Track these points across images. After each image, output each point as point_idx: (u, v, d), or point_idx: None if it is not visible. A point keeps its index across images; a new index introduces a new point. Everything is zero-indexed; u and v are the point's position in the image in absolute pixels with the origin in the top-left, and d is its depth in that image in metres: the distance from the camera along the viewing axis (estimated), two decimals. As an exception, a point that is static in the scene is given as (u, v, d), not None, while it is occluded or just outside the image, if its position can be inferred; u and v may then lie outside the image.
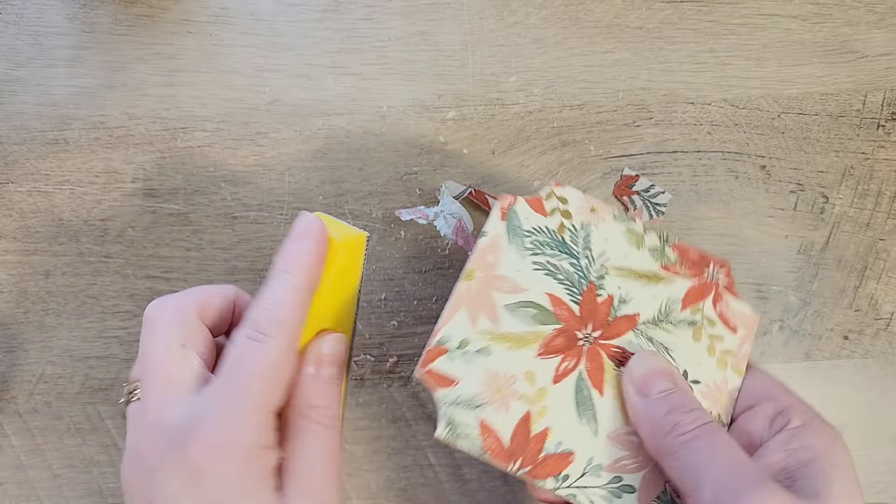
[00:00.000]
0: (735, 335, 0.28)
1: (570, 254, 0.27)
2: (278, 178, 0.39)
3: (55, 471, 0.37)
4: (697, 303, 0.28)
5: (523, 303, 0.26)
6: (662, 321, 0.28)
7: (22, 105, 0.39)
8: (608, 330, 0.27)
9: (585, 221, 0.28)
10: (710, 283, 0.28)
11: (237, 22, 0.39)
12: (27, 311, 0.38)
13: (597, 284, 0.27)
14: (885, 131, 0.39)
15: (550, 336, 0.26)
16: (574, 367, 0.26)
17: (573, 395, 0.26)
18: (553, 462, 0.25)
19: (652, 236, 0.28)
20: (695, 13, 0.39)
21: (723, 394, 0.27)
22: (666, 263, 0.28)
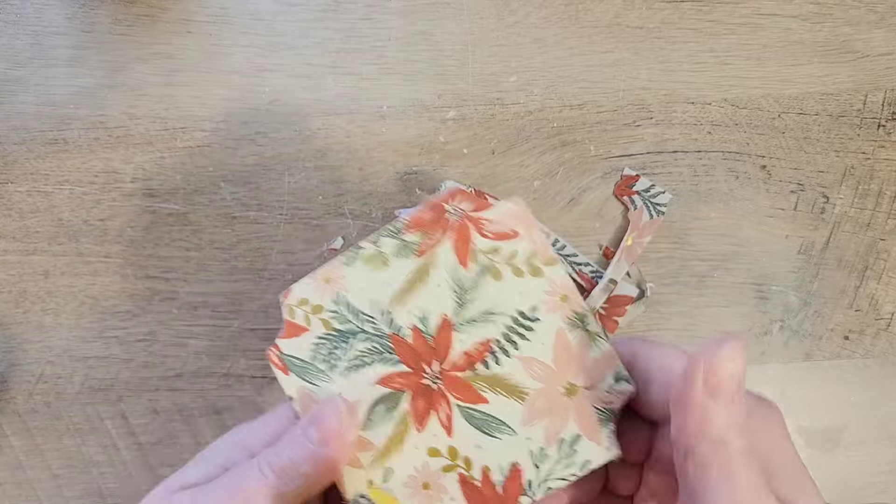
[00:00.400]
0: (520, 237, 0.26)
1: (353, 334, 0.26)
2: (278, 177, 0.39)
3: (54, 471, 0.37)
4: (468, 249, 0.26)
5: (368, 410, 0.26)
6: (464, 296, 0.26)
7: (21, 105, 0.39)
8: (439, 353, 0.26)
9: (333, 296, 0.26)
10: (460, 221, 0.26)
11: (237, 22, 0.39)
12: (27, 311, 0.38)
13: (395, 332, 0.26)
14: (885, 131, 0.39)
15: (412, 408, 0.25)
16: (450, 408, 0.25)
17: (472, 427, 0.25)
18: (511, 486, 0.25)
19: (385, 241, 0.27)
20: (695, 13, 0.39)
21: (561, 292, 0.26)
22: (417, 249, 0.26)
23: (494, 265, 0.26)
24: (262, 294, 0.38)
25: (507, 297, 0.26)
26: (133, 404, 0.38)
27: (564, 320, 0.25)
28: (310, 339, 0.26)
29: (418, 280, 0.26)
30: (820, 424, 0.38)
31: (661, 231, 0.39)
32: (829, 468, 0.38)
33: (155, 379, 0.38)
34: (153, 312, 0.38)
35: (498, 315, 0.26)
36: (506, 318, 0.26)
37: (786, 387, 0.38)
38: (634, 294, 0.38)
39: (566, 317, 0.26)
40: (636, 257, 0.38)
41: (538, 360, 0.25)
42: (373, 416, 0.26)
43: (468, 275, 0.26)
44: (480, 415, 0.25)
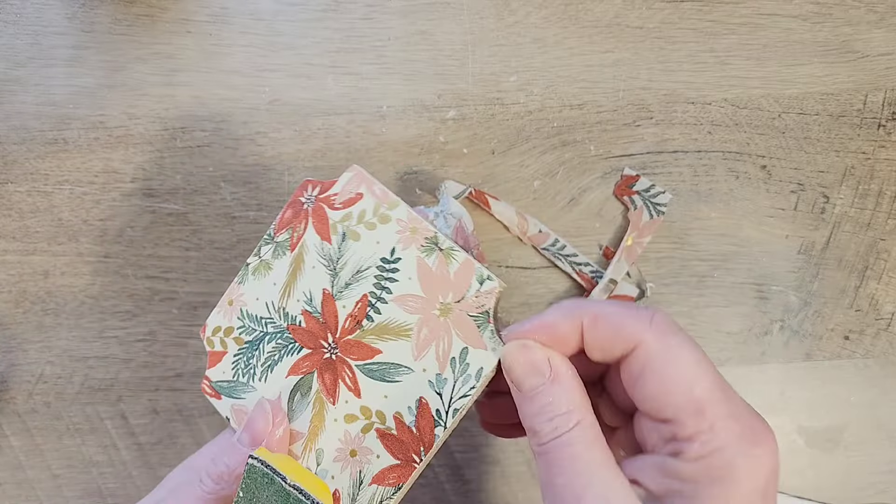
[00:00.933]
0: (363, 198, 0.28)
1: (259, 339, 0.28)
2: (278, 177, 0.38)
3: (54, 471, 0.37)
4: (327, 224, 0.28)
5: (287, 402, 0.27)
6: (335, 267, 0.28)
7: (21, 105, 0.39)
8: (330, 326, 0.27)
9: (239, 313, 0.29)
10: (316, 207, 0.29)
11: (237, 22, 0.39)
12: (26, 312, 0.38)
13: (292, 322, 0.28)
14: (885, 131, 0.39)
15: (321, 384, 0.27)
16: (352, 371, 0.27)
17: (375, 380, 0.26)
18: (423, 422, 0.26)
19: (265, 248, 0.29)
20: (695, 13, 0.39)
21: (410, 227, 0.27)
22: (289, 244, 0.29)
23: (351, 229, 0.28)
24: (261, 294, 0.38)
25: (368, 252, 0.28)
26: (133, 404, 0.38)
27: (419, 249, 0.27)
28: (229, 359, 0.29)
29: (297, 269, 0.28)
30: (820, 424, 0.38)
31: (661, 231, 0.39)
32: (829, 468, 0.38)
33: (155, 379, 0.38)
34: (153, 312, 0.38)
35: (366, 270, 0.27)
36: (373, 270, 0.27)
37: (786, 387, 0.38)
38: (634, 294, 0.38)
39: (420, 245, 0.27)
40: (636, 257, 0.38)
41: (410, 295, 0.27)
42: (294, 406, 0.27)
43: (333, 247, 0.28)
44: (378, 366, 0.27)
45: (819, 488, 0.38)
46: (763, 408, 0.38)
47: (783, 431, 0.38)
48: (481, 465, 0.38)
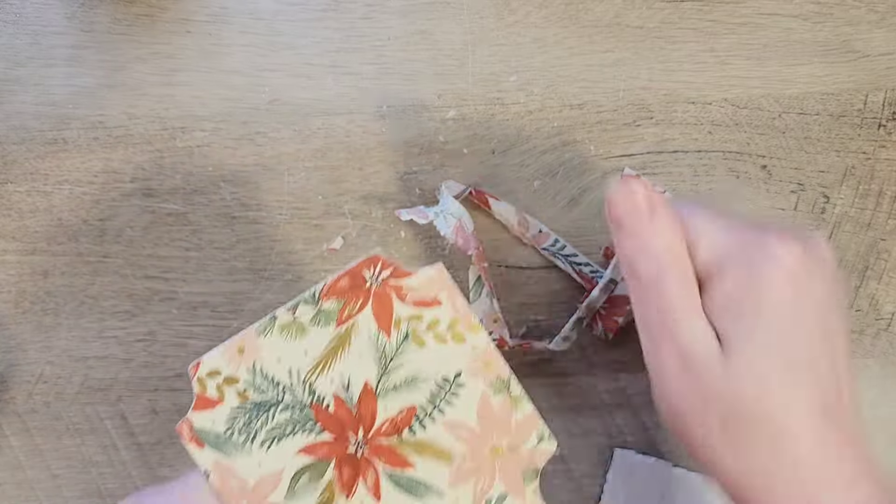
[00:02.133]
0: (441, 306, 0.26)
1: (272, 405, 0.26)
2: (278, 177, 0.38)
3: (54, 471, 0.37)
4: (391, 318, 0.26)
5: (292, 481, 0.25)
6: (387, 364, 0.26)
7: (21, 105, 0.39)
8: (364, 422, 0.26)
9: (248, 366, 0.26)
10: (380, 290, 0.26)
11: (236, 21, 0.39)
12: (26, 312, 0.38)
13: (317, 401, 0.26)
14: (886, 131, 0.39)
15: (337, 477, 0.25)
16: (376, 475, 0.26)
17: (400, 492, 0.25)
18: None
19: (302, 308, 0.26)
20: (695, 12, 0.39)
21: (484, 358, 0.26)
22: (335, 317, 0.26)
23: (417, 333, 0.26)
24: (261, 294, 0.38)
25: (430, 364, 0.26)
26: (132, 404, 0.38)
27: (488, 385, 0.26)
28: (224, 411, 0.26)
29: (339, 348, 0.26)
30: (820, 425, 0.38)
31: (661, 231, 0.39)
32: (829, 468, 0.38)
33: (154, 379, 0.38)
34: (153, 312, 0.38)
35: (422, 381, 0.26)
36: (430, 384, 0.26)
37: (786, 387, 0.38)
38: (634, 294, 0.38)
39: (490, 382, 0.26)
40: (636, 257, 0.38)
41: (463, 424, 0.26)
42: (298, 488, 0.25)
43: (391, 343, 0.26)
44: (408, 480, 0.25)
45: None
46: (763, 408, 0.38)
47: (783, 432, 0.38)
48: (481, 466, 0.38)
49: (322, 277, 0.36)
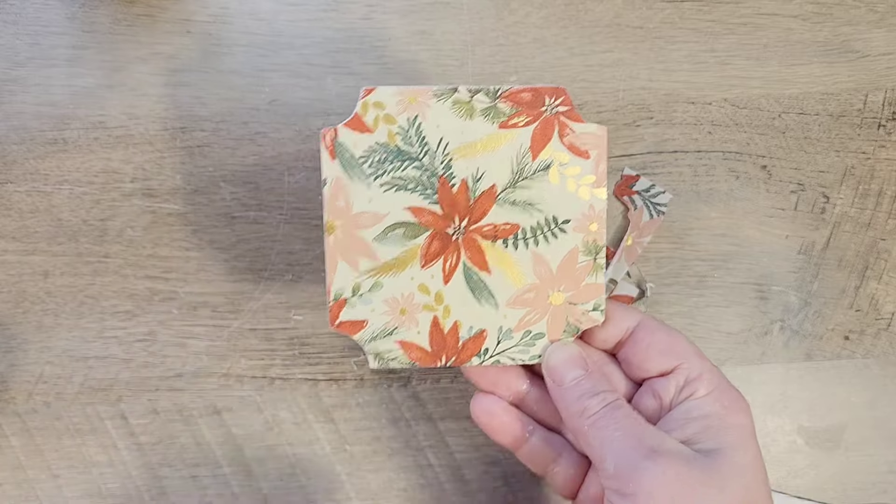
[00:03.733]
0: (589, 159, 0.29)
1: (410, 158, 0.28)
2: (278, 177, 0.38)
3: (54, 471, 0.37)
4: (544, 145, 0.28)
5: (388, 227, 0.28)
6: (519, 179, 0.28)
7: (21, 105, 0.39)
8: (473, 214, 0.28)
9: (411, 116, 0.28)
10: (551, 118, 0.28)
11: (237, 22, 0.39)
12: (26, 312, 0.38)
13: (447, 176, 0.28)
14: (885, 131, 0.39)
15: (426, 245, 0.28)
16: (457, 261, 0.28)
17: (466, 286, 0.28)
18: (471, 344, 0.29)
19: (480, 97, 0.28)
20: (695, 13, 0.39)
21: (593, 220, 0.29)
22: (503, 120, 0.28)
23: (556, 169, 0.29)
24: (262, 294, 0.38)
25: (551, 200, 0.29)
26: (133, 404, 0.38)
27: (583, 243, 0.29)
28: (370, 140, 0.28)
29: (491, 145, 0.28)
30: (820, 425, 0.38)
31: (661, 231, 0.39)
32: (829, 468, 0.38)
33: (155, 379, 0.38)
34: (153, 312, 0.38)
35: (537, 210, 0.29)
36: (541, 216, 0.29)
37: (786, 387, 0.38)
38: (635, 294, 0.38)
39: (586, 241, 0.29)
40: (636, 257, 0.38)
41: (546, 262, 0.29)
42: (390, 235, 0.28)
43: (531, 165, 0.28)
44: (478, 280, 0.29)
45: (819, 488, 0.38)
46: (763, 408, 0.38)
47: (783, 431, 0.38)
48: (481, 465, 0.38)
49: (321, 277, 0.36)
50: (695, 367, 0.29)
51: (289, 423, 0.38)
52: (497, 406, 0.31)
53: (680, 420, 0.27)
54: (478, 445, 0.38)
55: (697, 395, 0.28)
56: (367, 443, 0.38)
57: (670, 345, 0.29)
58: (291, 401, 0.38)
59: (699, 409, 0.27)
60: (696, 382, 0.28)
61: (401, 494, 0.38)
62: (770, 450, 0.38)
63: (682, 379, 0.28)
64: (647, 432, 0.26)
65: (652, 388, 0.29)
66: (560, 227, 0.29)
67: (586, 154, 0.28)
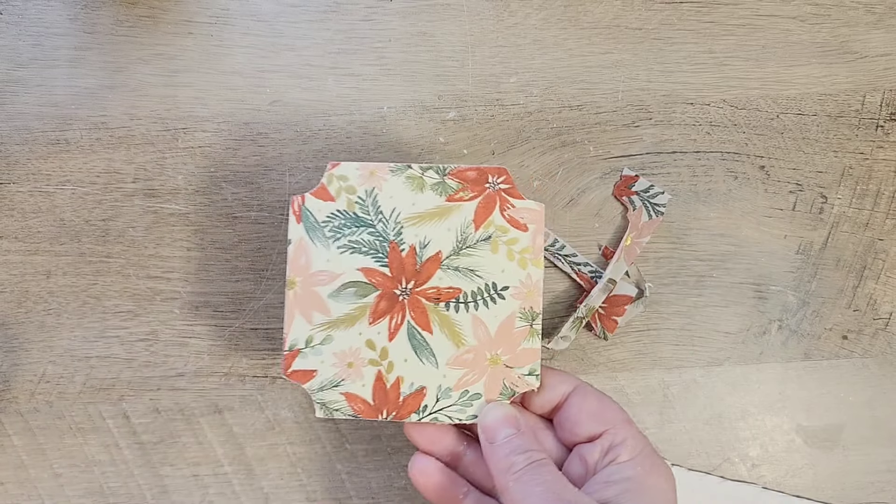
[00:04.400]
0: (527, 232, 0.31)
1: (365, 224, 0.31)
2: (279, 178, 0.39)
3: (56, 470, 0.38)
4: (486, 218, 0.31)
5: (342, 286, 0.31)
6: (462, 248, 0.31)
7: (23, 105, 0.39)
8: (419, 277, 0.31)
9: (369, 188, 0.31)
10: (493, 193, 0.31)
11: (238, 23, 0.39)
12: (28, 312, 0.38)
13: (397, 241, 0.31)
14: (883, 132, 0.39)
15: (374, 304, 0.30)
16: (402, 320, 0.30)
17: (409, 344, 0.30)
18: (411, 401, 0.30)
19: (430, 173, 0.31)
20: (694, 14, 0.40)
21: (530, 289, 0.31)
22: (450, 194, 0.31)
23: (497, 240, 0.31)
24: (263, 294, 0.38)
25: (491, 268, 0.31)
26: (135, 404, 0.38)
27: (520, 310, 0.31)
28: (331, 208, 0.31)
29: (438, 216, 0.31)
30: (818, 424, 0.38)
31: (659, 231, 0.39)
32: (827, 468, 0.38)
33: (156, 378, 0.38)
34: (155, 312, 0.38)
35: (478, 276, 0.31)
36: (481, 282, 0.31)
37: (784, 386, 0.38)
38: (633, 294, 0.38)
39: (523, 308, 0.31)
40: (635, 257, 0.38)
41: (485, 325, 0.31)
42: (343, 293, 0.31)
43: (474, 235, 0.31)
44: (421, 339, 0.31)
45: (817, 488, 0.38)
46: (762, 407, 0.39)
47: (782, 431, 0.38)
48: (481, 465, 0.38)
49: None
50: (620, 433, 0.30)
51: (290, 422, 0.38)
52: (433, 466, 0.31)
53: (601, 483, 0.28)
54: (478, 444, 0.38)
55: (620, 460, 0.29)
56: (368, 441, 0.38)
57: (600, 410, 0.30)
58: (292, 400, 0.38)
59: (620, 472, 0.28)
60: (619, 447, 0.29)
61: (401, 493, 0.38)
62: (768, 449, 0.38)
63: (607, 444, 0.30)
64: (566, 489, 0.27)
65: (579, 453, 0.30)
66: (499, 293, 0.31)
67: (524, 227, 0.31)
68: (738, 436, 0.38)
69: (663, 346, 0.38)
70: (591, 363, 0.38)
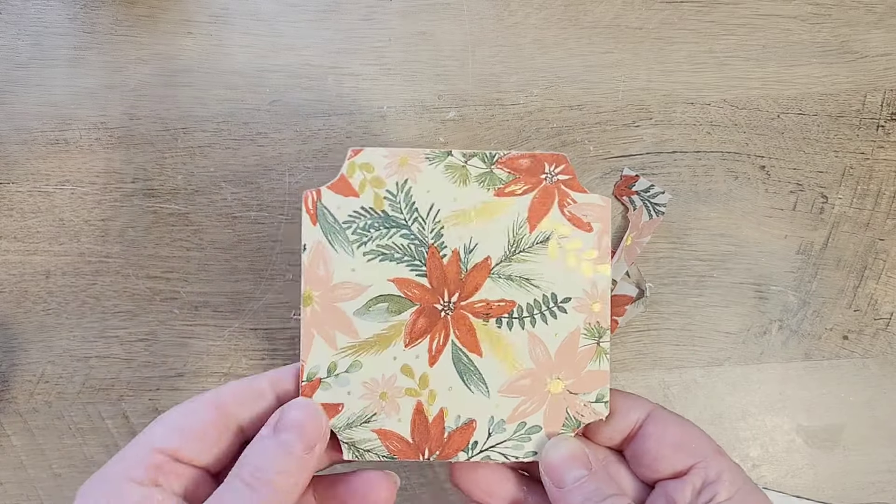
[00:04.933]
0: (591, 233, 0.26)
1: (397, 225, 0.26)
2: (279, 178, 0.39)
3: (56, 470, 0.37)
4: (544, 215, 0.26)
5: (371, 301, 0.26)
6: (515, 252, 0.26)
7: (23, 105, 0.39)
8: (465, 288, 0.26)
9: (400, 180, 0.26)
10: (551, 186, 0.26)
11: (237, 22, 0.39)
12: (28, 312, 0.38)
13: (437, 246, 0.26)
14: (884, 131, 0.39)
15: (411, 322, 0.26)
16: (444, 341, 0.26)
17: (454, 369, 0.26)
18: (458, 436, 0.26)
19: (475, 162, 0.26)
20: (694, 14, 0.40)
21: (596, 300, 0.26)
22: (499, 187, 0.26)
23: (556, 242, 0.26)
24: (262, 294, 0.38)
25: (550, 276, 0.26)
26: (134, 404, 0.38)
27: (585, 325, 0.26)
28: (355, 205, 0.26)
29: (485, 214, 0.26)
30: (819, 424, 0.38)
31: (660, 231, 0.39)
32: (827, 468, 0.38)
33: (156, 379, 0.38)
34: (154, 312, 0.38)
35: (534, 286, 0.26)
36: (538, 293, 0.26)
37: (784, 386, 0.38)
38: (634, 294, 0.38)
39: (588, 323, 0.26)
40: (636, 257, 0.38)
41: (544, 345, 0.26)
42: (372, 309, 0.26)
43: (529, 237, 0.26)
44: (468, 362, 0.26)
45: (818, 488, 0.38)
46: (762, 408, 0.39)
47: (782, 431, 0.38)
48: (481, 465, 0.38)
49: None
50: (713, 467, 0.25)
51: (289, 423, 0.38)
52: None
53: None
54: (478, 445, 0.38)
55: (718, 499, 0.25)
56: (368, 442, 0.38)
57: (684, 440, 0.26)
58: (292, 400, 0.38)
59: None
60: (715, 485, 0.25)
61: (401, 494, 0.38)
62: (769, 449, 0.38)
63: (699, 481, 0.25)
64: None
65: (665, 492, 0.26)
66: (560, 305, 0.26)
67: (588, 227, 0.26)
68: (738, 436, 0.38)
69: (663, 347, 0.38)
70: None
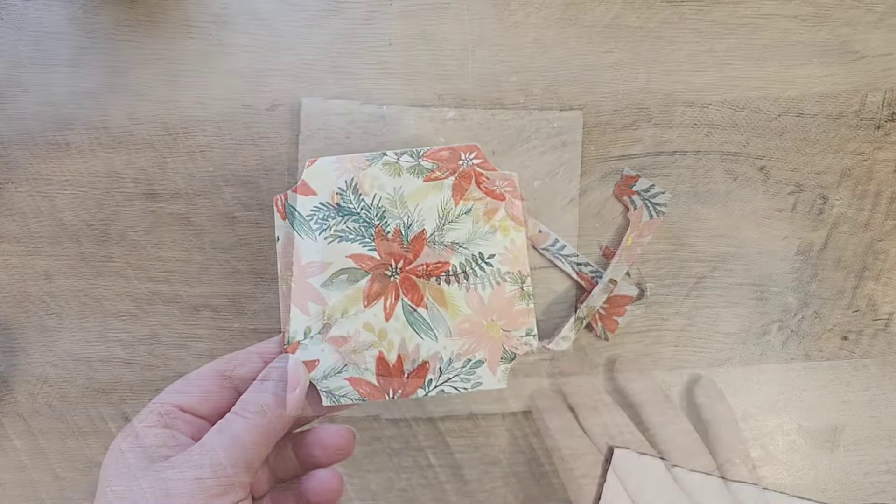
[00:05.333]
0: (503, 201, 0.32)
1: (349, 213, 0.32)
2: (279, 179, 0.39)
3: (57, 472, 0.38)
4: (464, 192, 0.32)
5: (333, 274, 0.31)
6: (445, 223, 0.32)
7: (23, 107, 0.39)
8: (407, 257, 0.31)
9: (348, 179, 0.32)
10: (468, 169, 0.32)
11: (238, 24, 0.39)
12: (29, 314, 0.38)
13: (381, 225, 0.32)
14: (883, 132, 0.39)
15: (367, 287, 0.31)
16: (396, 300, 0.31)
17: (406, 321, 0.31)
18: (416, 377, 0.31)
19: (405, 158, 0.32)
20: (694, 14, 0.40)
21: (515, 253, 0.32)
22: (426, 175, 0.32)
23: (477, 212, 0.32)
24: (263, 295, 0.38)
25: (476, 239, 0.32)
26: (135, 405, 0.38)
27: (509, 274, 0.32)
28: (314, 201, 0.32)
29: (418, 197, 0.32)
30: (819, 424, 0.38)
31: (660, 232, 0.39)
32: (827, 468, 0.38)
33: (157, 380, 0.38)
34: (155, 314, 0.38)
35: (464, 248, 0.32)
36: (468, 253, 0.32)
37: (784, 387, 0.39)
38: (634, 294, 0.38)
39: (511, 272, 0.32)
40: (636, 257, 0.38)
41: (477, 294, 0.32)
42: (335, 281, 0.31)
43: (455, 210, 0.32)
44: (417, 316, 0.31)
45: (818, 488, 0.38)
46: (762, 408, 0.39)
47: (782, 431, 0.38)
48: (481, 465, 0.38)
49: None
50: None
51: (290, 424, 0.38)
52: None
53: None
54: (478, 445, 0.38)
55: None
56: (367, 443, 0.38)
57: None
58: (293, 401, 0.38)
59: None
60: None
61: (401, 494, 0.38)
62: (769, 449, 0.38)
63: None
64: None
65: None
66: (486, 261, 0.32)
67: (501, 196, 0.32)
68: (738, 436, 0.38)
69: (664, 347, 0.38)
70: (591, 364, 0.38)
